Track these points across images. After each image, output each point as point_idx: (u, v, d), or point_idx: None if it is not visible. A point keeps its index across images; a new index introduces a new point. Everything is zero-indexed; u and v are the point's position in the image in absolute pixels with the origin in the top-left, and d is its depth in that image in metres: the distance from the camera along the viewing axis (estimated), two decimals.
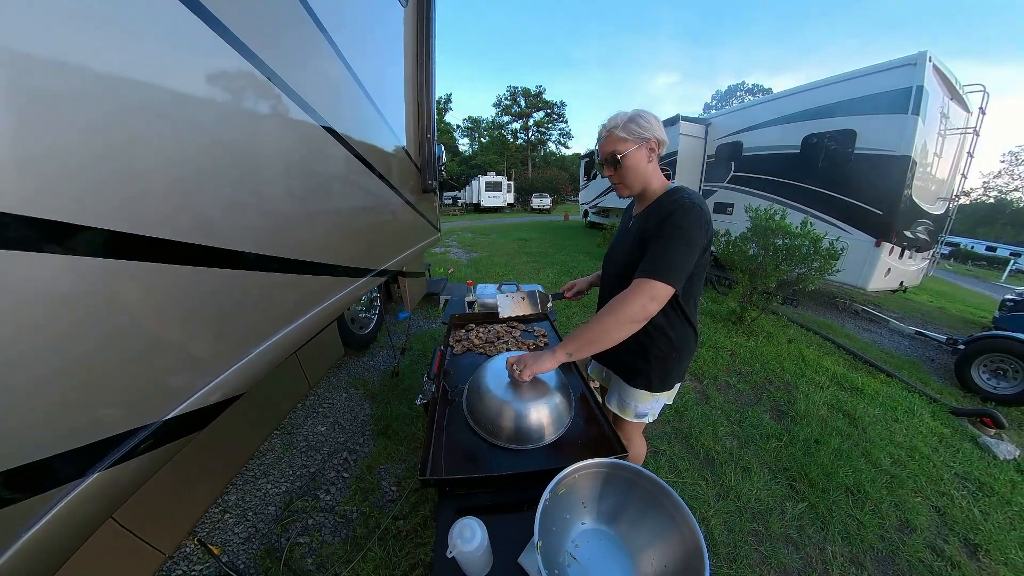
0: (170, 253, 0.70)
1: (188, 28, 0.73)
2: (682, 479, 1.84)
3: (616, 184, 1.08)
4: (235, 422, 1.64)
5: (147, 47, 0.65)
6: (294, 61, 1.05)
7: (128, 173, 0.64)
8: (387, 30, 1.60)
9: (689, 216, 0.93)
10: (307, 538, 1.52)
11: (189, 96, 0.73)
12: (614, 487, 0.76)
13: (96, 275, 0.59)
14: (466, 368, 1.30)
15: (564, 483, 0.70)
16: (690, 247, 0.93)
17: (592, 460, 0.74)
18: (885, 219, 4.45)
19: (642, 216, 1.08)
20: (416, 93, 1.67)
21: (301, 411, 2.33)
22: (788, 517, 1.69)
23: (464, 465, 0.87)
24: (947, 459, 2.21)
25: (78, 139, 0.55)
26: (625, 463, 0.75)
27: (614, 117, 1.03)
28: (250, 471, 1.89)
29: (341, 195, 1.24)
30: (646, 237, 1.00)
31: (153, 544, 1.25)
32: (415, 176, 1.71)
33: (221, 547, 1.53)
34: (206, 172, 0.77)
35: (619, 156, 1.00)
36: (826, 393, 2.79)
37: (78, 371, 0.58)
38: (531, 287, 1.58)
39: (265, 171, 0.95)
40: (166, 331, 0.72)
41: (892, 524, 1.72)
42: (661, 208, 1.00)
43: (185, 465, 1.41)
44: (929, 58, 4.20)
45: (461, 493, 0.84)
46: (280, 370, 1.88)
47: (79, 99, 0.55)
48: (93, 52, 0.56)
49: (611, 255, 1.24)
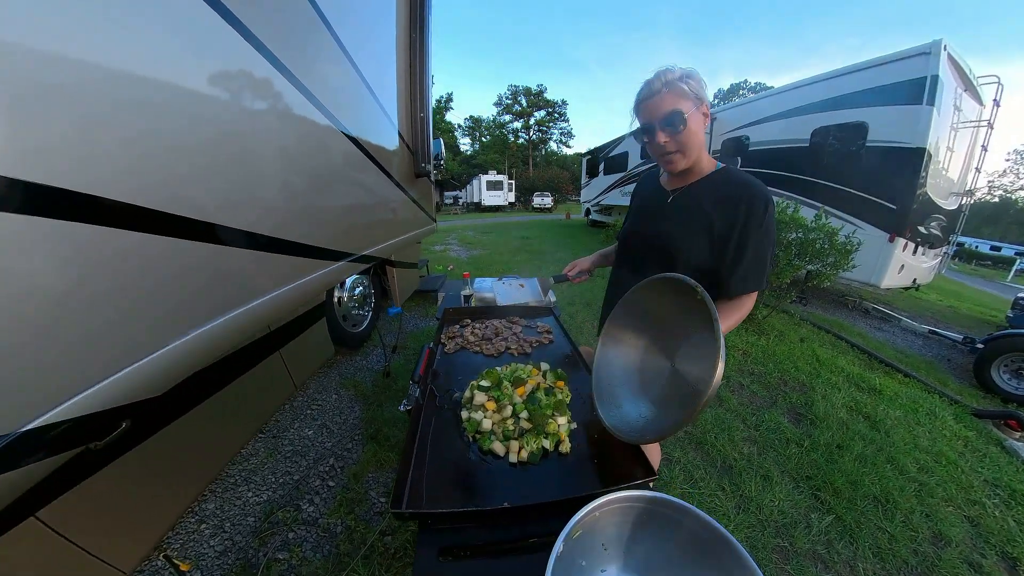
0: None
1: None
2: (699, 489, 1.70)
3: (670, 153, 0.89)
4: (208, 423, 1.50)
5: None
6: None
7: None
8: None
9: (773, 219, 0.88)
10: (287, 554, 1.39)
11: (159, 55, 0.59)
12: (648, 528, 0.60)
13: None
14: (460, 369, 1.15)
15: (581, 524, 0.56)
16: (773, 248, 0.90)
17: (619, 494, 0.59)
18: (899, 214, 4.30)
19: (690, 194, 0.96)
20: (408, 65, 1.53)
21: (288, 413, 2.20)
22: (814, 531, 1.54)
23: (453, 492, 0.71)
24: (974, 464, 2.10)
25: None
26: (665, 497, 0.60)
27: (664, 71, 0.85)
28: (231, 477, 1.75)
29: (306, 162, 1.02)
30: (710, 226, 0.90)
31: (109, 562, 1.11)
32: (407, 159, 1.57)
33: (195, 561, 1.40)
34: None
35: (685, 115, 0.83)
36: (843, 394, 2.66)
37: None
38: (532, 279, 1.44)
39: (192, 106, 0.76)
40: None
41: (925, 537, 1.59)
42: (728, 195, 0.89)
43: (151, 470, 1.28)
44: (944, 46, 4.05)
45: (448, 527, 0.67)
46: (260, 369, 1.75)
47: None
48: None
49: (637, 237, 1.10)
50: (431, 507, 0.66)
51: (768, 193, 0.88)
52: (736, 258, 0.88)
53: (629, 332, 0.92)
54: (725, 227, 0.88)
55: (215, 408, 1.54)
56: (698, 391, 0.64)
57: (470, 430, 0.86)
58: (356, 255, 1.09)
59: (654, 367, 0.85)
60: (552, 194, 28.96)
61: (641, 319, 0.90)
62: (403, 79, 1.52)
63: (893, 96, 4.35)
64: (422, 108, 1.65)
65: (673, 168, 0.93)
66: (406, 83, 1.51)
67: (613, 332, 0.94)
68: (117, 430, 1.14)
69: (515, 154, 46.41)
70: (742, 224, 0.86)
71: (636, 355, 0.90)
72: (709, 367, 0.61)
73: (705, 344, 0.67)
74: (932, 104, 4.04)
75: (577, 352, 1.25)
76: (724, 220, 0.88)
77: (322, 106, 0.90)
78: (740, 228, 0.86)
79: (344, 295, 2.79)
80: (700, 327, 0.70)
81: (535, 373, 1.06)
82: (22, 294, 0.56)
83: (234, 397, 1.60)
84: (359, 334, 2.94)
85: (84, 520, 1.07)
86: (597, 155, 13.57)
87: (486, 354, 1.25)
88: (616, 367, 0.91)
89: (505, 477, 0.76)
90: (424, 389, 0.97)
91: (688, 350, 0.76)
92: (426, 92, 1.66)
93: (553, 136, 51.23)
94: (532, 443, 0.82)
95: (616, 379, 0.90)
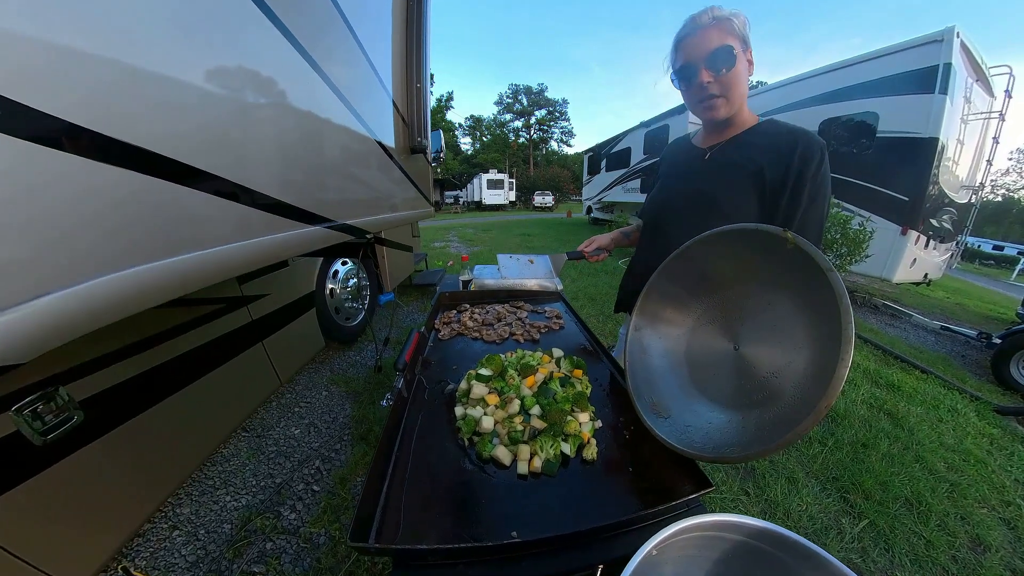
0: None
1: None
2: (721, 494, 1.57)
3: (713, 98, 0.79)
4: (179, 418, 1.37)
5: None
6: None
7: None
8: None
9: (828, 171, 0.76)
10: (262, 567, 1.24)
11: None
12: (727, 565, 0.42)
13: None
14: (455, 357, 1.01)
15: (635, 573, 0.37)
16: (828, 205, 0.79)
17: (692, 520, 0.41)
18: (911, 206, 4.17)
19: (733, 146, 0.85)
20: (405, 31, 1.40)
21: (275, 410, 2.06)
22: (847, 538, 1.41)
23: (440, 518, 0.53)
24: (1003, 463, 1.99)
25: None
26: (746, 520, 0.42)
27: (712, 7, 0.75)
28: (209, 479, 1.62)
29: (280, 109, 0.81)
30: (762, 173, 0.78)
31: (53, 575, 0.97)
32: (401, 129, 1.43)
33: (163, 573, 1.26)
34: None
35: (735, 52, 0.73)
36: (862, 391, 2.54)
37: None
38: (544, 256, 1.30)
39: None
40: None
41: (963, 542, 1.47)
42: (779, 142, 0.78)
43: (111, 469, 1.14)
44: (957, 33, 3.93)
45: (437, 563, 0.48)
46: (241, 360, 1.61)
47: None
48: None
49: (672, 200, 0.97)
50: (410, 540, 0.49)
51: (823, 141, 0.77)
52: (791, 208, 0.76)
53: (670, 308, 0.76)
54: (778, 176, 0.76)
55: (187, 401, 1.40)
56: (808, 395, 0.45)
57: (466, 431, 0.70)
58: (335, 223, 0.95)
59: (707, 351, 0.69)
60: (553, 193, 28.87)
61: (689, 289, 0.74)
62: (399, 43, 1.39)
63: (904, 85, 4.22)
64: (419, 79, 1.52)
65: (715, 115, 0.81)
66: (402, 48, 1.39)
67: (649, 308, 0.77)
68: (68, 423, 1.01)
69: (516, 153, 46.37)
70: (797, 171, 0.75)
71: (682, 336, 0.74)
72: (822, 352, 0.45)
73: (792, 319, 0.53)
74: (945, 93, 3.92)
75: (593, 338, 1.10)
76: (775, 168, 0.76)
77: (303, 49, 0.77)
78: (796, 175, 0.75)
79: (337, 287, 2.65)
80: (787, 294, 0.55)
81: (547, 360, 0.91)
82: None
83: (210, 390, 1.47)
84: (353, 328, 2.80)
85: (26, 527, 0.94)
86: (599, 152, 13.47)
87: (487, 340, 1.10)
88: (655, 354, 0.75)
89: (512, 495, 0.58)
90: (410, 380, 0.81)
91: (758, 329, 0.61)
92: (423, 61, 1.53)
93: (554, 135, 51.24)
94: (547, 448, 0.64)
95: (656, 371, 0.73)
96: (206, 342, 1.44)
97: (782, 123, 0.83)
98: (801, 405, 0.46)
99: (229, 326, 1.55)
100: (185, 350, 1.35)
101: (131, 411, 1.17)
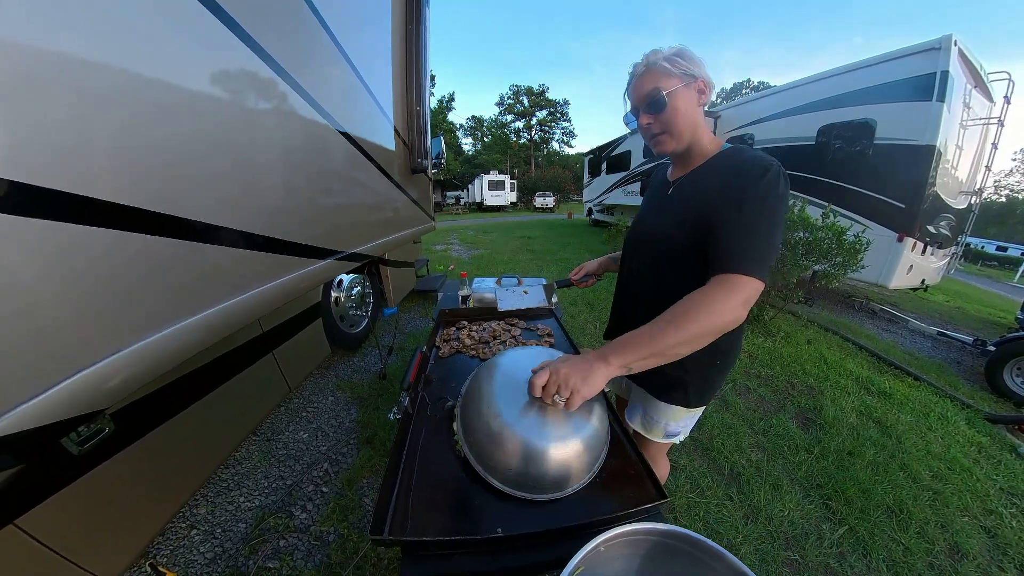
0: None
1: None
2: (705, 499, 1.64)
3: (657, 135, 0.83)
4: (198, 426, 1.46)
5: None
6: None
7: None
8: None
9: (777, 187, 0.72)
10: (277, 563, 1.34)
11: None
12: (668, 567, 0.54)
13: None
14: (455, 374, 1.10)
15: (585, 560, 0.50)
16: (777, 229, 0.72)
17: (630, 527, 0.52)
18: (908, 213, 4.21)
19: (689, 181, 0.86)
20: (404, 58, 1.48)
21: (284, 415, 2.15)
22: (826, 543, 1.48)
23: (440, 517, 0.64)
24: (989, 472, 2.03)
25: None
26: (687, 533, 0.52)
27: (651, 52, 0.81)
28: (223, 481, 1.71)
29: (288, 157, 0.93)
30: (706, 211, 0.77)
31: (92, 571, 1.07)
32: (402, 152, 1.51)
33: (183, 569, 1.35)
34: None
35: (664, 93, 0.77)
36: (853, 398, 2.59)
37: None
38: (534, 280, 1.38)
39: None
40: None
41: (941, 549, 1.53)
42: (726, 172, 0.78)
43: (138, 475, 1.24)
44: (955, 42, 3.96)
45: (438, 554, 0.61)
46: (253, 370, 1.70)
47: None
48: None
49: (639, 233, 1.01)
50: (416, 534, 0.60)
51: (773, 162, 0.75)
52: (724, 229, 0.73)
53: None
54: (721, 201, 0.75)
55: (206, 410, 1.49)
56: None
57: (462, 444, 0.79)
58: (344, 253, 1.03)
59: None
60: (554, 194, 28.90)
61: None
62: (399, 72, 1.46)
63: (902, 92, 4.26)
64: (418, 102, 1.60)
65: (663, 150, 0.86)
66: (402, 76, 1.46)
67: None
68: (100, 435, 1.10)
69: (517, 154, 46.37)
70: (736, 190, 0.74)
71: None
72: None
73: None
74: (942, 100, 3.96)
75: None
76: (721, 196, 0.76)
77: (310, 97, 0.85)
78: (735, 196, 0.74)
79: (341, 295, 2.74)
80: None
81: None
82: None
83: (225, 399, 1.56)
84: (357, 335, 2.89)
85: (67, 527, 1.03)
86: (599, 154, 13.53)
87: (483, 359, 1.19)
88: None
89: (499, 499, 0.68)
90: (414, 397, 0.90)
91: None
92: (423, 86, 1.61)
93: (555, 136, 51.22)
94: None
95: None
96: (223, 354, 1.53)
97: (742, 151, 0.82)
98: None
99: (243, 338, 1.64)
100: (205, 362, 1.44)
101: (156, 421, 1.26)
